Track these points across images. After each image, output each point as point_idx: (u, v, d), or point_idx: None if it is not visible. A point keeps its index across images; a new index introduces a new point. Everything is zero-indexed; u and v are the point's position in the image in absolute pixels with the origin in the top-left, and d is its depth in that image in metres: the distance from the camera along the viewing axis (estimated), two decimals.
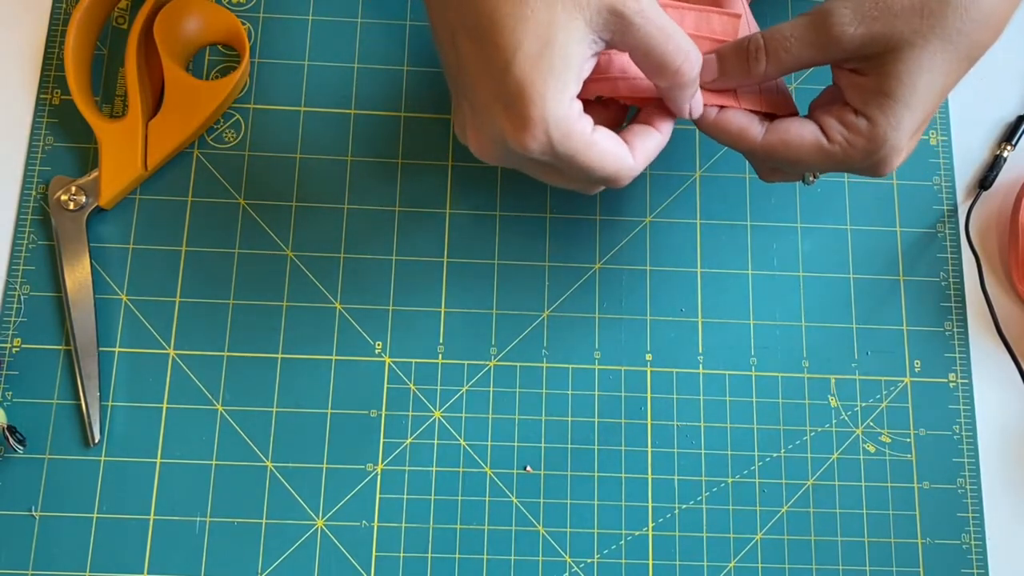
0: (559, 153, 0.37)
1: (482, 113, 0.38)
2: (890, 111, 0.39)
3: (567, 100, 0.36)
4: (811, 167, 0.42)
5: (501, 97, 0.36)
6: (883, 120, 0.39)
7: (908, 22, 0.38)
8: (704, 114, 0.42)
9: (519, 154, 0.37)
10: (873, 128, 0.39)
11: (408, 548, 0.48)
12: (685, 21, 0.41)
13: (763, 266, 0.52)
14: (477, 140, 0.40)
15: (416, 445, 0.49)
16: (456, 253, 0.52)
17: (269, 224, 0.51)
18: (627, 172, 0.39)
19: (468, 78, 0.38)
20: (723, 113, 0.42)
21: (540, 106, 0.36)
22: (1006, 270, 0.53)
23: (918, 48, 0.38)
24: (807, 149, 0.41)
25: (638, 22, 0.36)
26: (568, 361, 0.51)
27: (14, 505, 0.47)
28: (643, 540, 0.49)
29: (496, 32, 0.35)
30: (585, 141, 0.37)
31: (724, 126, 0.42)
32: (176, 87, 0.51)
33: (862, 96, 0.40)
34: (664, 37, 0.37)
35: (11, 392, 0.48)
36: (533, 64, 0.35)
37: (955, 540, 0.49)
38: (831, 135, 0.40)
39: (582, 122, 0.37)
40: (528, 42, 0.35)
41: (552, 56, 0.35)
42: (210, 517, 0.48)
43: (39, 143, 0.52)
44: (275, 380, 0.49)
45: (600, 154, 0.38)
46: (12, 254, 0.50)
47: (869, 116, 0.39)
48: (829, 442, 0.50)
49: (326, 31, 0.54)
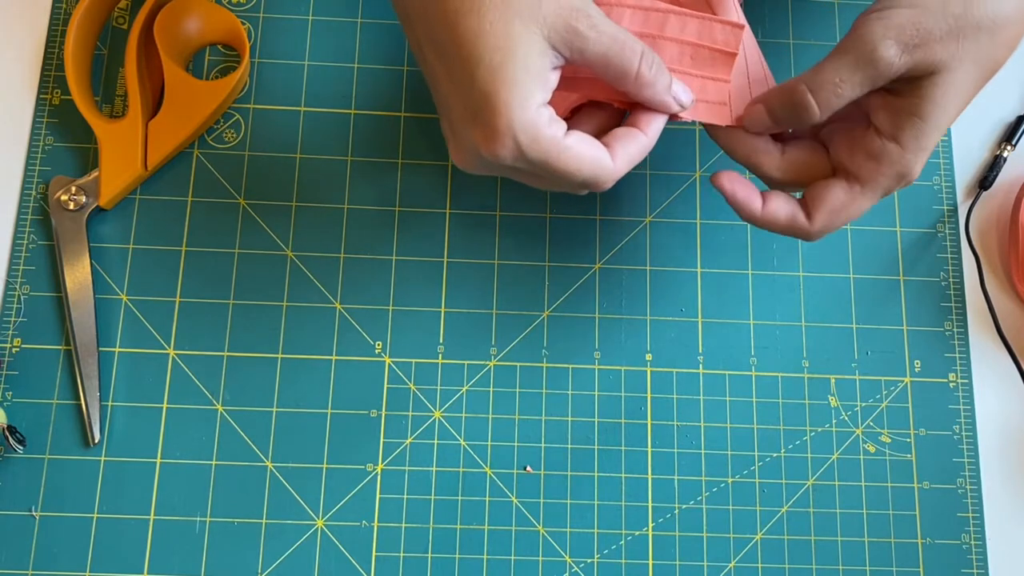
0: (531, 159, 0.37)
1: (456, 125, 0.39)
2: (921, 133, 0.39)
3: (533, 107, 0.36)
4: (860, 215, 0.42)
5: (469, 109, 0.37)
6: (913, 144, 0.40)
7: (946, 47, 0.38)
8: (752, 212, 0.43)
9: (493, 163, 0.38)
10: (903, 153, 0.40)
11: (408, 548, 0.48)
12: (687, 30, 0.41)
13: (763, 266, 0.52)
14: (456, 153, 0.40)
15: (416, 445, 0.49)
16: (456, 253, 0.52)
17: (269, 224, 0.51)
18: (606, 175, 0.39)
19: (440, 92, 0.39)
20: (770, 205, 0.42)
21: (505, 115, 0.36)
22: (1006, 270, 0.53)
23: (954, 72, 0.39)
24: (855, 207, 0.41)
25: (592, 36, 0.37)
26: (568, 361, 0.51)
27: (14, 505, 0.47)
28: (643, 540, 0.49)
29: (458, 46, 0.36)
30: (557, 146, 0.37)
31: (771, 218, 0.43)
32: (176, 87, 0.51)
33: (895, 119, 0.40)
34: (619, 46, 0.37)
35: (11, 392, 0.48)
36: (495, 75, 0.36)
37: (955, 540, 0.49)
38: (863, 177, 0.41)
39: (552, 127, 0.37)
40: (488, 54, 0.36)
41: (513, 66, 0.36)
42: (210, 517, 0.48)
43: (39, 143, 0.52)
44: (275, 380, 0.49)
45: (575, 158, 0.38)
46: (12, 254, 0.50)
47: (900, 140, 0.40)
48: (829, 442, 0.50)
49: (326, 31, 0.54)
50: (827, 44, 0.52)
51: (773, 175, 0.43)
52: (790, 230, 0.43)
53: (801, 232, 0.43)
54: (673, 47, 0.41)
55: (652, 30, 0.41)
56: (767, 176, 0.43)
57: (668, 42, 0.41)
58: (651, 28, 0.41)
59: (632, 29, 0.41)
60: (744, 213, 0.43)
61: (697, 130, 0.54)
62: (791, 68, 0.55)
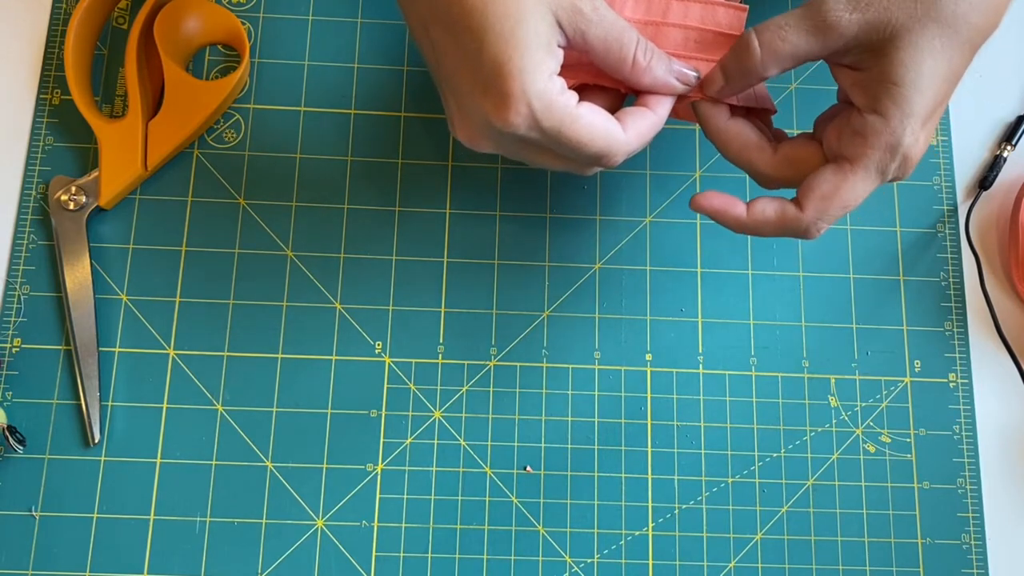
0: (544, 127, 0.37)
1: (464, 99, 0.38)
2: (900, 97, 0.38)
3: (545, 74, 0.37)
4: (859, 202, 0.41)
5: (479, 79, 0.37)
6: (895, 109, 0.38)
7: (902, 7, 0.38)
8: (738, 217, 0.42)
9: (506, 134, 0.38)
10: (887, 121, 0.39)
11: (408, 548, 0.48)
12: (690, 14, 0.41)
13: (763, 266, 0.52)
14: (464, 128, 0.40)
15: (416, 445, 0.49)
16: (456, 253, 0.52)
17: (269, 224, 0.51)
18: (619, 147, 0.39)
19: (446, 68, 0.39)
20: (756, 205, 0.41)
21: (519, 79, 0.36)
22: (1006, 270, 0.53)
23: (915, 33, 0.38)
24: (847, 189, 0.40)
25: (595, 18, 0.37)
26: (568, 361, 0.51)
27: (14, 505, 0.47)
28: (643, 540, 0.49)
29: (466, 16, 0.36)
30: (570, 114, 0.37)
31: (760, 218, 0.41)
32: (176, 87, 0.51)
33: (869, 90, 0.39)
34: (617, 31, 0.38)
35: (11, 392, 0.48)
36: (506, 41, 0.36)
37: (955, 540, 0.49)
38: (851, 155, 0.40)
39: (565, 96, 0.37)
40: (498, 23, 0.36)
41: (524, 33, 0.36)
42: (210, 517, 0.48)
43: (39, 143, 0.52)
44: (275, 380, 0.49)
45: (588, 127, 0.38)
46: (12, 254, 0.50)
47: (880, 110, 0.39)
48: (829, 442, 0.50)
49: (326, 31, 0.54)
50: None
51: (766, 172, 0.42)
52: (784, 226, 0.41)
53: (795, 225, 0.41)
54: (677, 32, 0.41)
55: (655, 17, 0.41)
56: (761, 173, 0.42)
57: (672, 28, 0.41)
58: (654, 15, 0.41)
59: (635, 17, 0.41)
60: (730, 221, 0.42)
61: (697, 130, 0.54)
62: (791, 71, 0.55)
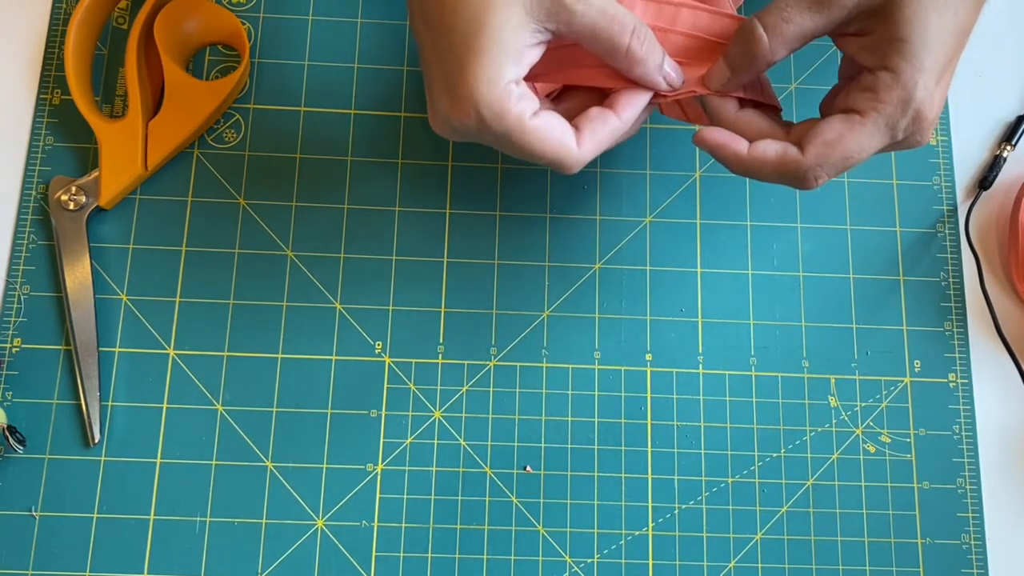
0: (494, 132, 0.37)
1: (432, 91, 0.39)
2: (909, 53, 0.38)
3: (501, 82, 0.36)
4: (863, 156, 0.39)
5: (444, 76, 0.38)
6: (905, 65, 0.38)
7: None
8: (738, 153, 0.40)
9: (461, 131, 0.38)
10: (897, 76, 0.38)
11: (408, 548, 0.48)
12: (679, 20, 0.41)
13: (763, 266, 0.52)
14: (432, 117, 0.40)
15: (416, 445, 0.49)
16: (456, 253, 0.52)
17: (269, 224, 0.51)
18: (570, 160, 0.39)
19: (423, 59, 0.40)
20: (758, 145, 0.40)
21: (472, 86, 0.36)
22: (1006, 270, 0.53)
23: None
24: (852, 139, 0.39)
25: (580, 9, 0.37)
26: (568, 361, 0.51)
27: (14, 505, 0.47)
28: (643, 540, 0.49)
29: (440, 13, 0.37)
30: (521, 125, 0.37)
31: (760, 157, 0.40)
32: (176, 87, 0.51)
33: (877, 52, 0.38)
34: (607, 19, 0.37)
35: (11, 392, 0.48)
36: (468, 45, 0.36)
37: (955, 540, 0.49)
38: (861, 108, 0.39)
39: (520, 104, 0.37)
40: (465, 25, 0.36)
41: (485, 38, 0.36)
42: (210, 517, 0.48)
43: (39, 143, 0.52)
44: (275, 380, 0.49)
45: (538, 140, 0.38)
46: (12, 254, 0.50)
47: (891, 66, 0.38)
48: (829, 442, 0.50)
49: (326, 31, 0.54)
50: (827, 44, 0.52)
51: (806, 166, 0.40)
52: (783, 168, 0.40)
53: (794, 168, 0.40)
54: (681, 39, 0.41)
55: (663, 23, 0.41)
56: (801, 173, 0.41)
57: (678, 35, 0.41)
58: (663, 22, 0.41)
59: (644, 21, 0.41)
60: (731, 156, 0.41)
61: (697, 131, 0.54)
62: (791, 70, 0.55)
